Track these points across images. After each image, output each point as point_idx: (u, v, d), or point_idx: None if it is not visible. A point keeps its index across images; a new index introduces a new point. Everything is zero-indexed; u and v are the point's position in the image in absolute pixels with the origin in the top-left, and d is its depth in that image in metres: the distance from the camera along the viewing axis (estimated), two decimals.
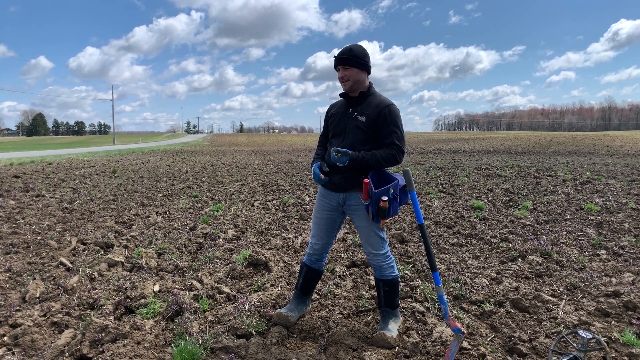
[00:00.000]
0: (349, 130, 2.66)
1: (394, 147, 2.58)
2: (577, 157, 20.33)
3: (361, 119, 2.63)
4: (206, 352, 2.53)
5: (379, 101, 2.66)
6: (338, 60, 2.66)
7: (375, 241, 2.69)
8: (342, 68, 2.65)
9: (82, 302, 3.20)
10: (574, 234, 5.33)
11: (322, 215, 2.83)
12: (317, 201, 2.88)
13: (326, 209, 2.81)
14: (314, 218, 2.91)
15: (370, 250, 2.73)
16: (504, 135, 65.16)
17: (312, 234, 2.94)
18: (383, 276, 2.76)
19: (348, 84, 2.67)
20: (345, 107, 2.75)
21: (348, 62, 2.62)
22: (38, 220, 6.24)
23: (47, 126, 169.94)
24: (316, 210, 2.88)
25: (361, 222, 2.69)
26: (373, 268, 2.82)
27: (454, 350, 2.30)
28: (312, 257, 2.96)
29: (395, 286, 2.78)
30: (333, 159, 2.52)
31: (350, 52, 2.64)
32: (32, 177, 11.77)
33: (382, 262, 2.73)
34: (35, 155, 22.10)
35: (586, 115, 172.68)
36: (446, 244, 4.98)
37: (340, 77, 2.67)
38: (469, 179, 11.53)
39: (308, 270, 2.98)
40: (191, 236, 5.29)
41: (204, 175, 13.21)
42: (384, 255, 2.72)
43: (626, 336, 2.64)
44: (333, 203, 2.78)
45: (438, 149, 32.48)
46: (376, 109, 2.62)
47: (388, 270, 2.75)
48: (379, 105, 2.63)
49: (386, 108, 2.61)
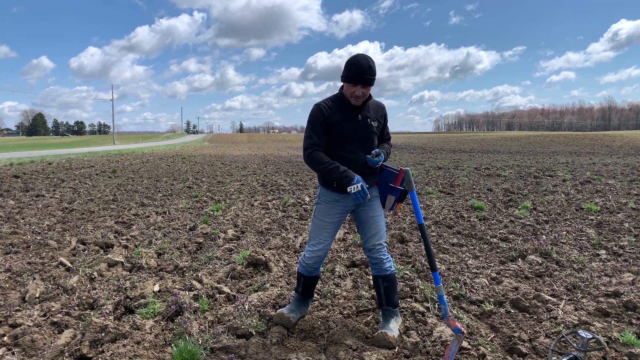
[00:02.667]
0: (368, 136, 2.74)
1: (390, 140, 3.00)
2: (577, 157, 20.33)
3: (374, 124, 2.77)
4: (206, 352, 2.53)
5: (376, 104, 2.85)
6: (363, 80, 2.53)
7: (384, 229, 2.82)
8: (362, 87, 2.57)
9: (82, 302, 3.20)
10: (574, 234, 5.33)
11: (335, 219, 2.78)
12: (326, 207, 2.77)
13: (339, 212, 2.77)
14: (320, 224, 2.79)
15: (379, 241, 2.76)
16: (504, 135, 65.15)
17: (316, 241, 2.80)
18: (382, 271, 2.77)
19: (360, 101, 2.66)
20: (349, 112, 2.68)
21: (371, 82, 2.57)
22: (38, 220, 6.24)
23: (47, 126, 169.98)
24: (324, 216, 2.78)
25: (375, 212, 2.77)
26: (373, 265, 2.81)
27: (454, 350, 2.30)
28: (310, 267, 2.87)
29: (394, 282, 2.80)
30: (373, 161, 2.66)
31: (372, 71, 2.56)
32: (32, 177, 11.76)
33: (383, 255, 2.77)
34: (35, 155, 22.09)
35: (586, 115, 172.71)
36: (446, 244, 4.98)
37: (357, 95, 2.59)
38: (469, 179, 11.53)
39: (306, 280, 2.95)
40: (191, 236, 5.28)
41: (204, 175, 13.21)
42: (384, 248, 2.81)
43: (626, 336, 2.63)
44: (348, 204, 2.75)
45: (438, 148, 32.47)
46: (380, 113, 2.85)
47: (387, 264, 2.78)
48: (380, 109, 2.86)
49: (385, 109, 2.91)
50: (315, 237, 2.81)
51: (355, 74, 2.53)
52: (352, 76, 2.55)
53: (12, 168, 14.44)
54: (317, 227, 2.80)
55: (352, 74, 2.54)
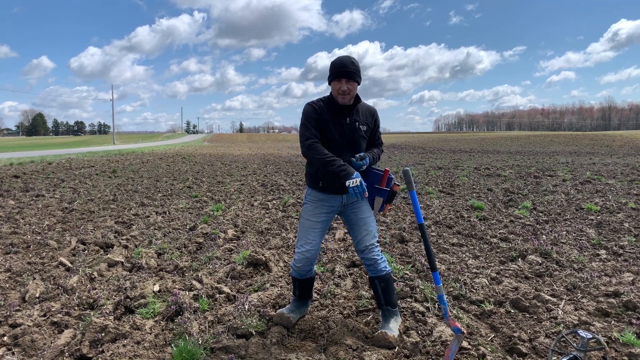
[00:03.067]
0: (355, 139, 2.73)
1: (381, 145, 3.00)
2: (577, 157, 20.33)
3: (362, 128, 2.76)
4: (206, 352, 2.53)
5: (367, 108, 2.84)
6: (345, 73, 2.58)
7: (375, 229, 2.81)
8: (345, 82, 2.60)
9: (82, 302, 3.20)
10: (574, 233, 5.33)
11: (320, 218, 2.79)
12: (312, 206, 2.81)
13: (325, 212, 2.79)
14: (307, 223, 2.80)
15: (370, 241, 2.75)
16: (504, 135, 65.15)
17: (303, 241, 2.80)
18: (378, 271, 2.76)
19: (347, 98, 2.67)
20: (338, 114, 2.69)
21: (353, 76, 2.60)
22: (38, 220, 6.24)
23: (47, 126, 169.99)
24: (311, 216, 2.80)
25: (364, 214, 2.78)
26: (368, 266, 2.79)
27: (454, 350, 2.30)
28: (301, 270, 2.86)
29: (390, 281, 2.80)
30: (357, 165, 2.64)
31: (355, 66, 2.61)
32: (32, 177, 11.76)
33: (376, 255, 2.76)
34: (35, 155, 22.09)
35: (586, 115, 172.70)
36: (446, 243, 4.98)
37: (343, 90, 2.61)
38: (469, 178, 11.53)
39: (301, 283, 2.95)
40: (191, 236, 5.28)
41: (204, 175, 13.21)
42: (377, 248, 2.79)
43: (626, 336, 2.63)
44: (334, 205, 2.78)
45: (438, 148, 32.47)
46: (371, 118, 2.84)
47: (382, 264, 2.76)
48: (371, 113, 2.85)
49: (376, 114, 2.90)
50: (303, 237, 2.81)
51: (338, 69, 2.61)
52: (336, 72, 2.62)
53: (12, 168, 14.44)
54: (304, 227, 2.83)
55: (336, 70, 2.63)
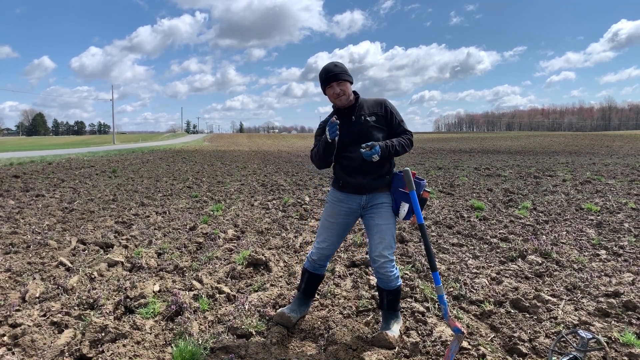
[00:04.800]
0: (365, 132, 2.67)
1: (407, 133, 2.79)
2: (577, 157, 20.33)
3: (371, 118, 2.71)
4: (206, 352, 2.53)
5: (373, 100, 2.82)
6: (332, 77, 2.64)
7: (391, 241, 2.67)
8: (336, 84, 2.65)
9: (82, 302, 3.20)
10: (574, 234, 5.33)
11: (338, 219, 2.79)
12: (332, 206, 2.81)
13: (344, 213, 2.77)
14: (325, 222, 2.84)
15: (383, 252, 2.63)
16: (504, 135, 65.15)
17: (321, 238, 2.85)
18: (388, 287, 2.72)
19: (344, 99, 2.68)
20: (343, 117, 2.72)
21: (341, 77, 2.65)
22: (38, 220, 6.24)
23: (47, 126, 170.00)
24: (329, 215, 2.81)
25: (382, 220, 2.67)
26: (379, 279, 2.74)
27: (454, 350, 2.30)
28: (315, 263, 2.91)
29: (399, 293, 2.79)
30: (366, 154, 2.49)
31: (339, 68, 2.68)
32: (32, 177, 11.77)
33: (389, 272, 2.66)
34: (35, 155, 22.09)
35: (586, 116, 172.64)
36: (446, 243, 4.98)
37: (337, 93, 2.66)
38: (469, 179, 11.53)
39: (310, 276, 2.97)
40: (191, 236, 5.28)
41: (204, 175, 13.21)
42: (392, 263, 2.67)
43: (626, 336, 2.64)
44: (353, 206, 2.75)
45: (438, 148, 32.48)
46: (379, 107, 2.77)
47: (394, 281, 2.71)
48: (378, 103, 2.79)
49: (385, 102, 2.81)
50: (321, 234, 2.87)
51: (325, 76, 2.67)
52: (324, 79, 2.68)
53: (12, 168, 14.44)
54: (322, 225, 2.88)
55: (323, 77, 2.69)
